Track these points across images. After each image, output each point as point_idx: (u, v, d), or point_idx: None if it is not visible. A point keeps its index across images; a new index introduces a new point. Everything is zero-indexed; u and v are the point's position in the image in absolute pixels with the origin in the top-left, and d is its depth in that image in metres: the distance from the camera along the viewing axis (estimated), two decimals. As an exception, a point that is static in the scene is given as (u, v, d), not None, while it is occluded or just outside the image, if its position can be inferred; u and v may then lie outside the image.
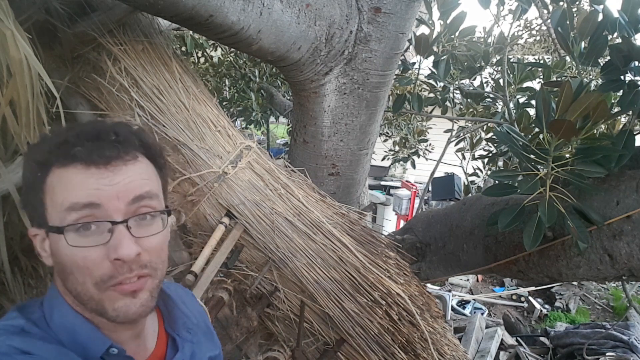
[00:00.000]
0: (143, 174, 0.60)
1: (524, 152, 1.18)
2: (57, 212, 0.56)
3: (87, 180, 0.56)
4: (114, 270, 0.56)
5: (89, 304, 0.58)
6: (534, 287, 5.19)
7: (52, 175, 0.57)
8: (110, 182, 0.56)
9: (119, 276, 0.56)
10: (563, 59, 2.17)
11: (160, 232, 0.61)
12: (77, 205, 0.55)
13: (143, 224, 0.59)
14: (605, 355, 3.44)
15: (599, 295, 5.57)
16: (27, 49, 1.01)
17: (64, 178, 0.56)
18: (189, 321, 0.77)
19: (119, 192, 0.57)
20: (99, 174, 0.56)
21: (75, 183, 0.56)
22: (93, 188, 0.56)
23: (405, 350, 1.35)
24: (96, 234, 0.56)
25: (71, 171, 0.56)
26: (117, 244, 0.55)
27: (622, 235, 1.13)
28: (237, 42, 1.35)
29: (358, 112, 1.70)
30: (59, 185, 0.56)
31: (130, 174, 0.58)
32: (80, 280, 0.57)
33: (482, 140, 2.96)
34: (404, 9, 1.52)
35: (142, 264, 0.58)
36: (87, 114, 1.45)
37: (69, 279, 0.58)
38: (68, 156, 0.56)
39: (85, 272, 0.56)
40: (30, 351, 0.55)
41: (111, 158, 0.57)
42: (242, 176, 1.45)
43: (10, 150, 1.21)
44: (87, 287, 0.57)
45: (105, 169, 0.57)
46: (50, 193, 0.57)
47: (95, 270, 0.56)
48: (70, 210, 0.55)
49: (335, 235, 1.43)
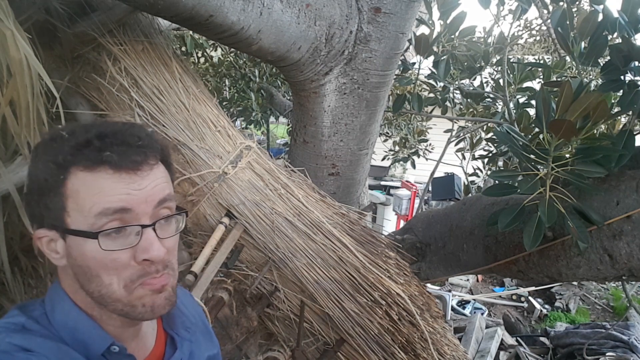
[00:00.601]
0: (164, 177, 0.62)
1: (524, 152, 1.18)
2: (85, 216, 0.56)
3: (117, 185, 0.56)
4: (142, 271, 0.58)
5: (114, 305, 0.59)
6: (534, 287, 5.19)
7: (74, 178, 0.56)
8: (139, 187, 0.57)
9: (147, 276, 0.58)
10: (563, 59, 2.17)
11: (177, 233, 0.64)
12: (109, 210, 0.56)
13: (164, 226, 0.61)
14: (605, 355, 3.44)
15: (599, 295, 5.57)
16: (27, 49, 1.01)
17: (90, 182, 0.56)
18: (187, 320, 0.77)
19: (147, 197, 0.58)
20: (129, 178, 0.57)
21: (106, 188, 0.56)
22: (124, 193, 0.56)
23: (405, 350, 1.35)
24: (125, 237, 0.57)
25: (100, 175, 0.56)
26: (148, 246, 0.57)
27: (622, 235, 1.13)
28: (237, 42, 1.35)
29: (358, 112, 1.70)
30: (85, 189, 0.56)
31: (155, 177, 0.60)
32: (107, 282, 0.57)
33: (482, 140, 2.96)
34: (404, 9, 1.52)
35: (165, 263, 0.60)
36: (87, 114, 1.45)
37: (92, 281, 0.58)
38: (96, 160, 0.56)
39: (114, 274, 0.57)
40: (31, 349, 0.55)
41: (139, 163, 0.58)
42: (242, 176, 1.45)
43: (10, 150, 1.21)
44: (113, 288, 0.58)
45: (134, 174, 0.57)
46: (74, 196, 0.56)
47: (124, 271, 0.57)
48: (101, 215, 0.55)
49: (335, 235, 1.43)
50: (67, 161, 0.57)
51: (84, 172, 0.56)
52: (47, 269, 1.39)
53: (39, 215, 0.60)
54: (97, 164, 0.56)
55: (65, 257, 0.60)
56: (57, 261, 0.61)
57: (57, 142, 0.59)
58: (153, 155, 0.60)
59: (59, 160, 0.57)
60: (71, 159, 0.56)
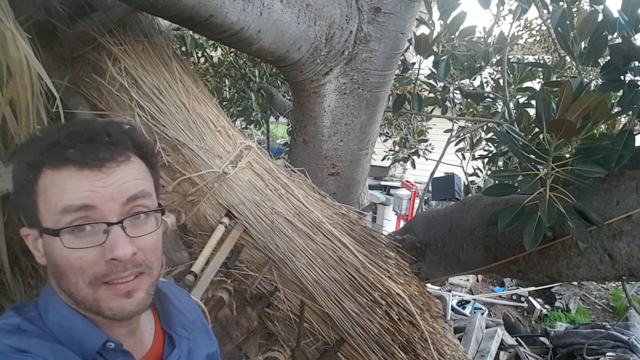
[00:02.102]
0: (136, 173, 0.61)
1: (524, 152, 1.18)
2: (51, 214, 0.56)
3: (80, 182, 0.56)
4: (108, 270, 0.57)
5: (83, 303, 0.59)
6: (534, 287, 5.19)
7: (43, 177, 0.57)
8: (104, 184, 0.57)
9: (112, 274, 0.57)
10: (563, 59, 2.17)
11: (154, 231, 0.62)
12: (71, 207, 0.55)
13: (137, 224, 0.60)
14: (605, 355, 3.44)
15: (599, 295, 5.57)
16: (27, 49, 1.01)
17: (56, 180, 0.56)
18: (185, 318, 0.77)
19: (113, 194, 0.57)
20: (93, 175, 0.56)
21: (69, 185, 0.56)
22: (87, 190, 0.56)
23: (405, 350, 1.35)
24: (91, 235, 0.56)
25: (64, 173, 0.56)
26: (113, 244, 0.56)
27: (622, 235, 1.13)
28: (237, 42, 1.35)
29: (358, 112, 1.70)
30: (52, 188, 0.56)
31: (124, 174, 0.59)
32: (73, 281, 0.57)
33: (482, 140, 2.95)
34: (404, 9, 1.52)
35: (137, 263, 0.59)
36: (87, 114, 1.45)
37: (62, 279, 0.58)
38: (61, 158, 0.56)
39: (78, 272, 0.57)
40: (26, 349, 0.55)
41: (105, 160, 0.57)
42: (242, 176, 1.45)
43: (10, 150, 1.21)
44: (79, 287, 0.57)
45: (99, 170, 0.57)
46: (43, 195, 0.57)
47: (89, 270, 0.57)
48: (64, 212, 0.55)
49: (335, 235, 1.43)
50: (37, 161, 0.57)
51: (52, 171, 0.57)
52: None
53: (22, 215, 0.61)
54: (62, 162, 0.56)
55: (44, 255, 0.60)
56: (40, 259, 0.61)
57: (32, 142, 0.60)
58: (122, 151, 0.60)
59: (30, 160, 0.58)
60: (40, 159, 0.57)
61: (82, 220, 0.56)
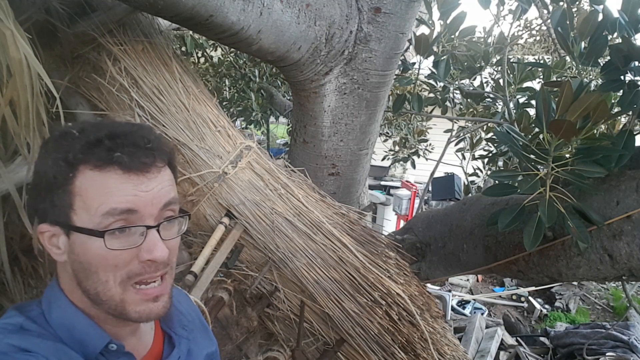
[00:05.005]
0: (169, 180, 0.63)
1: (524, 152, 1.18)
2: (91, 215, 0.57)
3: (125, 186, 0.57)
4: (142, 269, 0.59)
5: (107, 304, 0.59)
6: (534, 287, 5.19)
7: (83, 176, 0.57)
8: (146, 189, 0.58)
9: (145, 274, 0.59)
10: (563, 59, 2.17)
11: (179, 235, 0.65)
12: (115, 210, 0.56)
13: (168, 227, 0.62)
14: (605, 355, 3.44)
15: (599, 295, 5.57)
16: (27, 49, 1.01)
17: (99, 181, 0.56)
18: (184, 318, 0.78)
19: (153, 199, 0.59)
20: (137, 180, 0.58)
21: (113, 188, 0.56)
22: (131, 194, 0.57)
23: (405, 350, 1.35)
24: (129, 236, 0.58)
25: (109, 175, 0.56)
26: (152, 246, 0.59)
27: (622, 235, 1.13)
28: (237, 42, 1.35)
29: (358, 112, 1.70)
30: (94, 189, 0.56)
31: (162, 180, 0.61)
32: (104, 279, 0.58)
33: (482, 140, 2.96)
34: (404, 9, 1.52)
35: (166, 263, 0.62)
36: (87, 114, 1.45)
37: (90, 278, 0.59)
38: (107, 160, 0.56)
39: (112, 270, 0.58)
40: (29, 349, 0.55)
41: (148, 165, 0.59)
42: (242, 176, 1.45)
43: (10, 150, 1.21)
44: (109, 285, 0.58)
45: (143, 175, 0.58)
46: (83, 194, 0.57)
47: (123, 268, 0.58)
48: (108, 215, 0.56)
49: (335, 235, 1.43)
50: (77, 159, 0.57)
51: (93, 171, 0.57)
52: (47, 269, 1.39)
53: (42, 211, 0.60)
54: (107, 163, 0.56)
55: (66, 253, 0.60)
56: (57, 257, 0.61)
57: (68, 139, 0.59)
58: (161, 158, 0.61)
59: (69, 157, 0.57)
60: (81, 157, 0.57)
61: (122, 222, 0.57)
